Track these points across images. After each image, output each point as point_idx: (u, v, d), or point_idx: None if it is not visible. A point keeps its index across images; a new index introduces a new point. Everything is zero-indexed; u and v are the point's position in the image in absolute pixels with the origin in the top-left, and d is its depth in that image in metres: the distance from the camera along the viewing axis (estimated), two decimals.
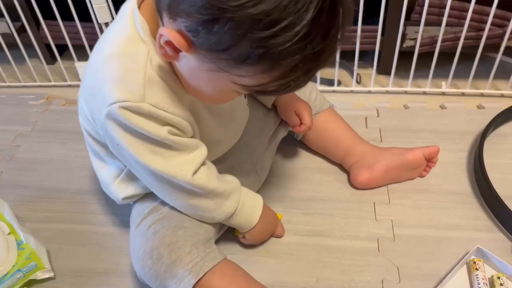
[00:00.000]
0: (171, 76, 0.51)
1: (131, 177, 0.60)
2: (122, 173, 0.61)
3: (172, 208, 0.60)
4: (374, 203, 0.73)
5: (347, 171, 0.77)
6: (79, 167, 0.82)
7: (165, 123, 0.51)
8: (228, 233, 0.67)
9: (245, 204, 0.62)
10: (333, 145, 0.77)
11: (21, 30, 0.97)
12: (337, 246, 0.67)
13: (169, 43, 0.44)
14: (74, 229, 0.72)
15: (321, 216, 0.71)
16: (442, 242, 0.67)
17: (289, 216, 0.71)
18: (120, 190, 0.62)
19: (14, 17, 0.93)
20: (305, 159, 0.81)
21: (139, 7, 0.50)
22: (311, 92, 0.77)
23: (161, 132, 0.50)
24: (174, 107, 0.51)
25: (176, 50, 0.45)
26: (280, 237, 0.69)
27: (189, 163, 0.54)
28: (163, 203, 0.61)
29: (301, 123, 0.71)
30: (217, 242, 0.66)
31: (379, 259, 0.66)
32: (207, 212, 0.59)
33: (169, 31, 0.42)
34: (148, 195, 0.62)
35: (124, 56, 0.49)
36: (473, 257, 0.64)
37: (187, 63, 0.47)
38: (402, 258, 0.65)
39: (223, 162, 0.67)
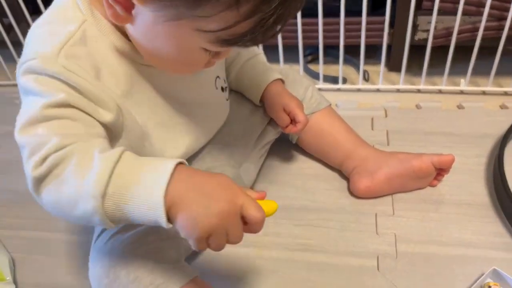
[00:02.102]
0: (114, 51, 0.45)
1: None
2: None
3: None
4: (376, 214, 0.64)
5: (347, 178, 0.69)
6: None
7: (71, 87, 0.42)
8: None
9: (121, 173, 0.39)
10: (331, 149, 0.69)
11: (10, 27, 0.94)
12: (330, 264, 0.59)
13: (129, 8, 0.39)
14: (43, 237, 0.67)
15: (314, 228, 0.63)
16: (453, 261, 0.58)
17: (279, 228, 0.64)
18: None
19: (3, 14, 0.90)
20: (301, 163, 0.73)
21: None
22: (306, 90, 0.69)
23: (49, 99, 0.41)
24: (92, 77, 0.44)
25: (128, 8, 0.40)
26: (255, 230, 0.41)
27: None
28: None
29: (294, 122, 0.63)
30: (193, 258, 0.60)
31: (378, 280, 0.57)
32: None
33: None
34: None
35: (53, 22, 0.45)
36: (488, 280, 0.55)
37: (142, 21, 0.41)
38: (405, 279, 0.57)
39: (201, 161, 0.60)
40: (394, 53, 0.85)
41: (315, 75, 0.89)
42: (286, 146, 0.74)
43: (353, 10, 0.78)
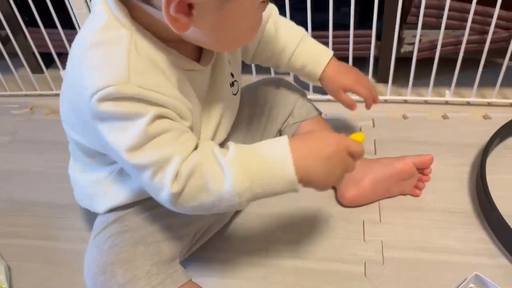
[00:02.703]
0: (163, 58, 0.47)
1: (119, 182, 0.56)
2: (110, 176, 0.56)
3: (143, 219, 0.55)
4: (363, 221, 0.66)
5: (334, 186, 0.71)
6: (54, 179, 0.78)
7: (154, 104, 0.45)
8: (200, 251, 0.62)
9: (250, 168, 0.46)
10: None
11: (7, 39, 0.95)
12: (318, 270, 0.61)
13: (179, 8, 0.41)
14: (39, 245, 0.68)
15: (303, 236, 0.65)
16: (437, 267, 0.60)
17: (269, 235, 0.65)
18: (106, 199, 0.57)
19: (1, 25, 0.91)
20: None
21: None
22: (297, 98, 0.71)
23: (147, 118, 0.44)
24: (168, 89, 0.46)
25: (189, 13, 0.42)
26: (359, 155, 0.50)
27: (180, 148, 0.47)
28: (134, 213, 0.56)
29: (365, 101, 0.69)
30: (187, 261, 0.61)
31: (365, 285, 0.59)
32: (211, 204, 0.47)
33: None
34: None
35: (104, 43, 0.45)
36: (471, 285, 0.56)
37: (207, 15, 0.43)
38: (391, 284, 0.58)
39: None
40: (381, 65, 0.88)
41: (305, 86, 0.91)
42: None
43: (342, 24, 0.80)
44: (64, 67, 0.95)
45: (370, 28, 0.80)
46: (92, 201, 0.59)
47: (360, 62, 0.91)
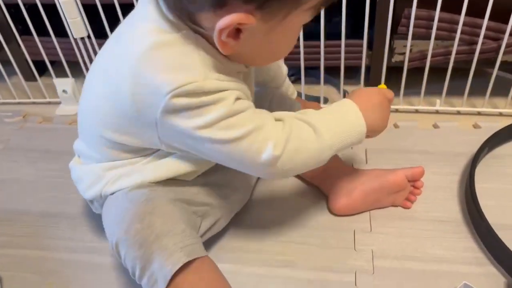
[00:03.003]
0: (217, 54, 0.50)
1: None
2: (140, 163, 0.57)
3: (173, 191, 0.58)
4: (354, 231, 0.67)
5: (326, 195, 0.71)
6: (46, 188, 0.78)
7: (232, 89, 0.49)
8: None
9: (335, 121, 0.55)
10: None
11: (0, 46, 0.95)
12: (309, 279, 0.61)
13: (230, 32, 0.45)
14: (31, 255, 0.68)
15: (295, 245, 0.65)
16: (427, 276, 0.60)
17: (261, 245, 0.66)
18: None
19: None
20: (282, 181, 0.75)
21: None
22: (292, 106, 0.73)
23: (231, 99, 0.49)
24: (231, 80, 0.50)
25: (237, 37, 0.46)
26: (392, 100, 0.61)
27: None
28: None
29: None
30: None
31: None
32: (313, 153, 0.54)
33: (233, 17, 0.43)
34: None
35: (170, 44, 0.47)
36: None
37: (254, 38, 0.47)
38: None
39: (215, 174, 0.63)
40: (373, 74, 0.89)
41: (298, 95, 0.92)
42: None
43: (334, 33, 0.81)
44: (57, 75, 0.95)
45: (360, 38, 0.80)
46: (114, 182, 0.58)
47: (352, 71, 0.92)
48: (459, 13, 0.72)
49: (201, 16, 0.46)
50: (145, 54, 0.47)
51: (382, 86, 0.62)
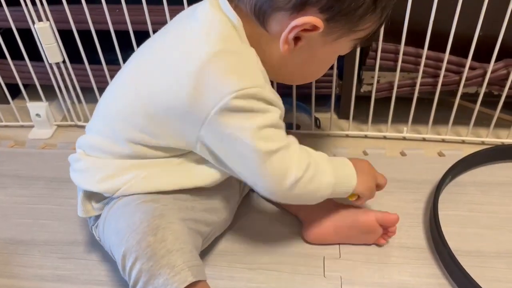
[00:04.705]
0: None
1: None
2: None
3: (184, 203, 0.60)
4: (324, 257, 0.68)
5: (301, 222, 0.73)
6: (16, 214, 0.77)
7: (278, 107, 0.55)
8: None
9: (337, 165, 0.61)
10: None
11: None
12: None
13: (296, 34, 0.52)
14: (1, 284, 0.67)
15: (266, 272, 0.67)
16: None
17: (232, 272, 0.67)
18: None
19: None
20: (260, 206, 0.76)
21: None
22: None
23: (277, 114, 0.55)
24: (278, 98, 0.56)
25: (297, 41, 0.53)
26: (383, 185, 0.69)
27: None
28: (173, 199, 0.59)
29: None
30: None
31: None
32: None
33: (309, 18, 0.50)
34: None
35: (235, 52, 0.53)
36: None
37: (307, 47, 0.55)
38: None
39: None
40: (343, 102, 0.92)
41: None
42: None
43: None
44: (30, 98, 0.95)
45: (332, 68, 0.84)
46: (136, 184, 0.59)
47: (323, 99, 0.95)
48: (423, 47, 0.76)
49: (275, 17, 0.52)
50: (215, 55, 0.52)
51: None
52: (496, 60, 0.76)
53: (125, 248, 0.53)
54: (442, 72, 0.79)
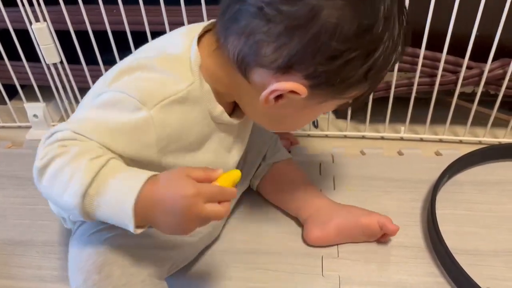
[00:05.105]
0: (206, 114, 0.53)
1: None
2: None
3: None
4: (322, 257, 0.68)
5: (302, 224, 0.72)
6: (14, 215, 0.77)
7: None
8: None
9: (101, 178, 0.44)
10: (288, 197, 0.73)
11: None
12: None
13: (279, 96, 0.49)
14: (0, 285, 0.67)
15: (265, 272, 0.67)
16: None
17: (231, 272, 0.67)
18: None
19: None
20: (259, 209, 0.76)
21: (199, 37, 0.53)
22: (271, 138, 0.77)
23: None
24: (182, 132, 0.52)
25: (279, 98, 0.50)
26: (226, 200, 0.47)
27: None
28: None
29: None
30: None
31: None
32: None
33: (291, 85, 0.48)
34: None
35: (165, 72, 0.50)
36: None
37: (288, 107, 0.51)
38: None
39: None
40: None
41: None
42: (246, 193, 0.77)
43: None
44: (28, 99, 0.95)
45: None
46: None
47: None
48: (420, 47, 0.77)
49: (257, 71, 0.49)
50: (149, 61, 0.52)
51: (230, 174, 0.48)
52: (493, 60, 0.77)
53: (75, 287, 0.53)
54: (439, 72, 0.79)
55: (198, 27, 0.54)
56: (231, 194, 0.46)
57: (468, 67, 0.79)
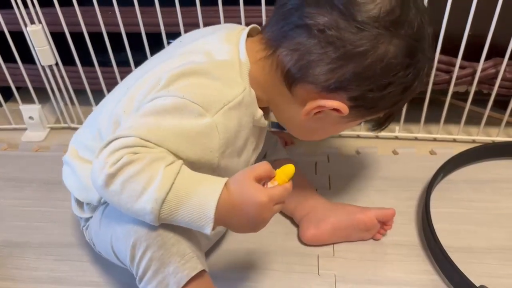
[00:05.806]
0: (251, 118, 0.55)
1: None
2: None
3: None
4: (318, 255, 0.69)
5: (297, 224, 0.73)
6: (10, 217, 0.77)
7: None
8: None
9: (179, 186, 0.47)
10: None
11: None
12: None
13: (321, 110, 0.54)
14: None
15: (261, 271, 0.67)
16: None
17: (227, 271, 0.67)
18: None
19: None
20: None
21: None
22: (271, 137, 0.78)
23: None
24: (235, 138, 0.54)
25: (316, 113, 0.54)
26: (284, 199, 0.51)
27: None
28: None
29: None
30: None
31: None
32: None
33: (336, 103, 0.52)
34: None
35: (221, 79, 0.52)
36: None
37: (324, 121, 0.56)
38: None
39: None
40: None
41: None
42: None
43: None
44: (23, 101, 0.95)
45: None
46: None
47: None
48: None
49: (304, 86, 0.53)
50: (203, 65, 0.54)
51: (286, 168, 0.52)
52: (486, 59, 0.77)
53: (134, 238, 0.51)
54: (433, 72, 0.79)
55: (237, 32, 0.57)
56: (290, 190, 0.51)
57: (461, 67, 0.80)
